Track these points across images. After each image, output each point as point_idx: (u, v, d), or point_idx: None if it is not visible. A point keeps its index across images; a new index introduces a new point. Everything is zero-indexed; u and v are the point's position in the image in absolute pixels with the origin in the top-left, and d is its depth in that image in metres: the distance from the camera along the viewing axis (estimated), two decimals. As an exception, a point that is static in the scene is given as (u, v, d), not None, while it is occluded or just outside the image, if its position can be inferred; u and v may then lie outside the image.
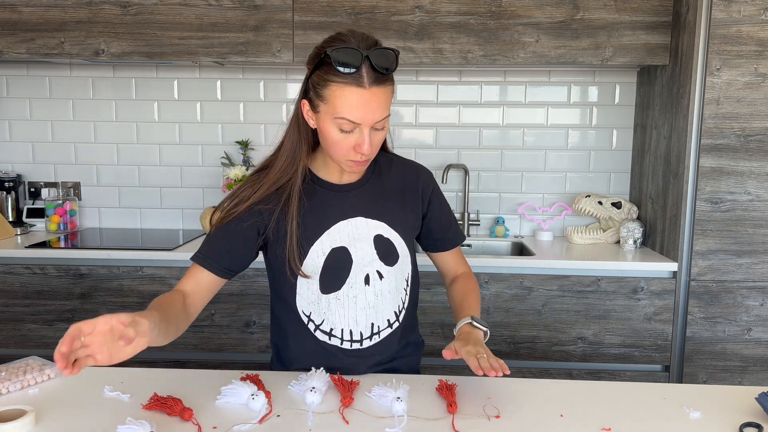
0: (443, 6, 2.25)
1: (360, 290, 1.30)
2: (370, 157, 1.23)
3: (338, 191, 1.31)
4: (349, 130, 1.16)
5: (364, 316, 1.31)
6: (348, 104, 1.13)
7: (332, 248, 1.28)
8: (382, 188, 1.35)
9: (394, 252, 1.33)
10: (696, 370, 2.20)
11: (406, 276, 1.37)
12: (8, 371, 1.23)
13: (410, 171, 1.40)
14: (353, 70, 1.11)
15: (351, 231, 1.29)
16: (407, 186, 1.37)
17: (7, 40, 2.30)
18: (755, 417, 1.12)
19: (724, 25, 2.05)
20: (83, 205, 2.75)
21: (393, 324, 1.35)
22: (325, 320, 1.31)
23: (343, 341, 1.31)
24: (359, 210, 1.30)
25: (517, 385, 1.25)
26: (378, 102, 1.14)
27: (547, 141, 2.67)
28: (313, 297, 1.30)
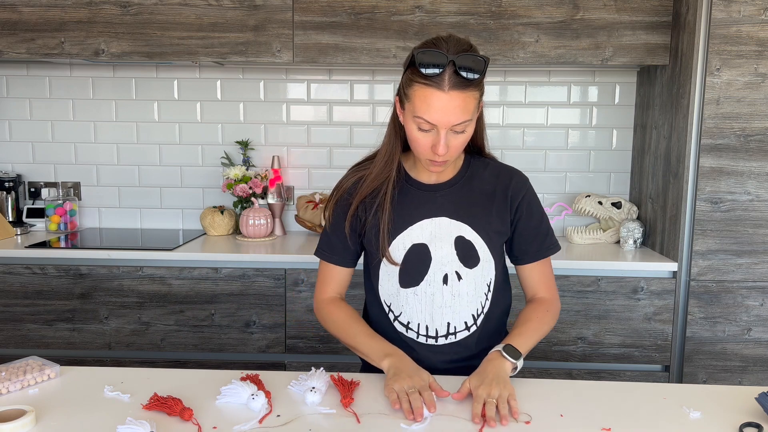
0: (443, 6, 2.25)
1: (437, 288, 1.32)
2: (448, 159, 1.24)
3: (426, 190, 1.34)
4: (427, 130, 1.20)
5: (440, 315, 1.33)
6: (426, 105, 1.17)
7: (413, 244, 1.32)
8: (471, 191, 1.35)
9: (475, 255, 1.33)
10: (696, 370, 2.20)
11: (487, 281, 1.36)
12: (8, 371, 1.23)
13: (503, 176, 1.38)
14: (435, 72, 1.15)
15: (434, 229, 1.32)
16: (497, 191, 1.36)
17: (7, 40, 2.30)
18: (755, 417, 1.12)
19: (724, 25, 2.05)
20: (83, 205, 2.75)
21: (470, 327, 1.36)
22: (403, 313, 1.35)
23: (419, 335, 1.35)
24: (444, 210, 1.33)
25: (517, 385, 1.25)
26: (456, 106, 1.16)
27: (547, 141, 2.67)
28: (392, 289, 1.35)
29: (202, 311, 2.24)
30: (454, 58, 1.14)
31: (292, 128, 2.69)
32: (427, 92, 1.16)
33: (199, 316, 2.25)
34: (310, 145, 2.70)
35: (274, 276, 2.21)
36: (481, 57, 1.17)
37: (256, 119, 2.69)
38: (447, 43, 1.18)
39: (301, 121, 2.69)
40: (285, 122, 2.69)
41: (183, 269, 2.23)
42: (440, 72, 1.15)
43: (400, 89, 1.25)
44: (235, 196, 2.59)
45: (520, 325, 1.33)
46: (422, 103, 1.17)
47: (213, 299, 2.23)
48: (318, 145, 2.70)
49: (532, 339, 1.30)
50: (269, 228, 2.51)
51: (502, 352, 1.23)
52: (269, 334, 2.25)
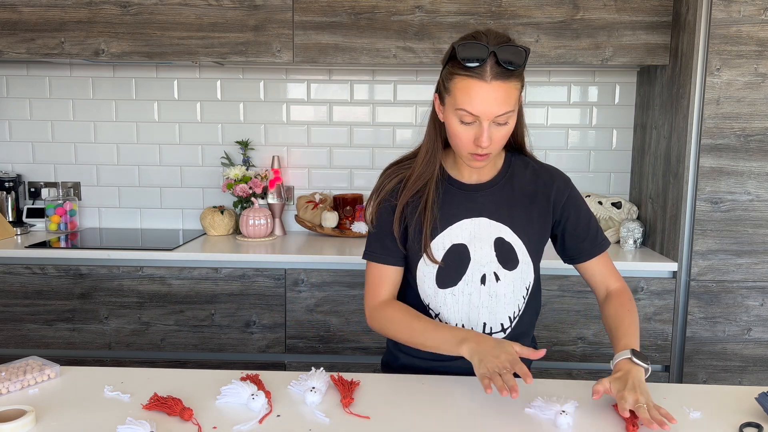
0: (443, 6, 2.25)
1: (475, 289, 1.32)
2: (491, 152, 1.23)
3: (467, 190, 1.34)
4: (469, 122, 1.19)
5: (476, 314, 1.33)
6: (468, 96, 1.16)
7: (453, 244, 1.32)
8: (512, 192, 1.34)
9: (514, 257, 1.32)
10: (696, 370, 2.20)
11: (527, 284, 1.36)
12: (8, 371, 1.23)
13: (545, 176, 1.37)
14: (476, 64, 1.15)
15: (473, 230, 1.32)
16: (538, 192, 1.35)
17: (7, 40, 2.30)
18: (755, 417, 1.12)
19: (724, 25, 2.05)
20: (83, 205, 2.75)
21: (506, 329, 1.36)
22: (441, 314, 1.35)
23: None
24: (484, 210, 1.32)
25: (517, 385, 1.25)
26: (498, 96, 1.16)
27: (547, 141, 2.67)
28: (430, 291, 1.35)
29: (202, 311, 2.24)
30: (495, 49, 1.15)
31: (292, 128, 2.69)
32: (470, 83, 1.16)
33: (199, 316, 2.25)
34: (310, 145, 2.70)
35: (274, 276, 2.21)
36: (522, 48, 1.17)
37: (256, 119, 2.69)
38: (487, 36, 1.18)
39: (301, 121, 2.69)
40: (285, 122, 2.69)
41: (183, 269, 2.23)
42: (482, 63, 1.15)
43: (440, 85, 1.25)
44: (235, 196, 2.59)
45: (620, 324, 1.29)
46: (464, 94, 1.17)
47: (213, 299, 2.23)
48: (318, 145, 2.70)
49: (638, 335, 1.27)
50: (269, 228, 2.51)
51: (634, 360, 1.18)
52: (269, 334, 2.25)
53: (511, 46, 1.17)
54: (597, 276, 1.39)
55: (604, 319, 1.35)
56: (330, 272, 2.21)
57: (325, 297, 2.22)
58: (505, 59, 1.15)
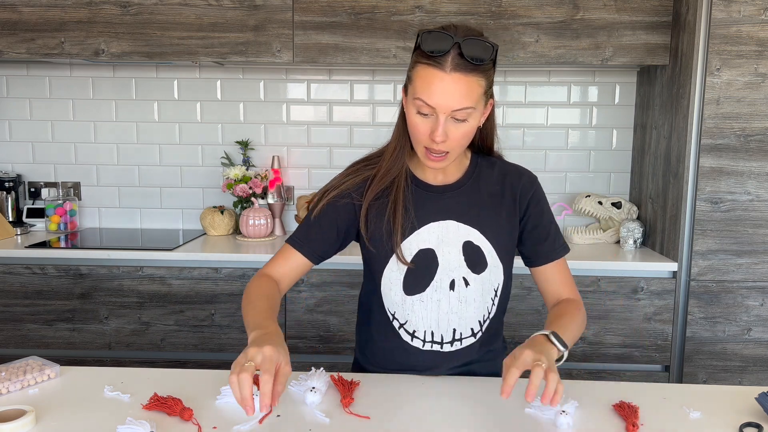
0: (443, 6, 2.25)
1: (444, 294, 1.27)
2: (449, 151, 1.18)
3: (433, 192, 1.29)
4: (426, 114, 1.14)
5: (446, 321, 1.29)
6: (426, 85, 1.12)
7: (420, 249, 1.27)
8: (479, 193, 1.30)
9: (483, 260, 1.28)
10: (696, 370, 2.20)
11: (495, 286, 1.32)
12: (8, 371, 1.23)
13: (511, 175, 1.33)
14: (439, 53, 1.10)
15: (441, 233, 1.27)
16: (506, 191, 1.31)
17: (7, 40, 2.30)
18: (755, 417, 1.12)
19: (724, 25, 2.05)
20: (83, 205, 2.75)
21: (477, 333, 1.32)
22: (408, 321, 1.30)
23: (425, 343, 1.30)
24: (452, 213, 1.28)
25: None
26: (457, 89, 1.11)
27: (547, 141, 2.67)
28: (397, 298, 1.29)
29: (202, 311, 2.24)
30: (460, 41, 1.10)
31: (292, 128, 2.69)
32: (429, 72, 1.12)
33: (199, 316, 2.25)
34: (310, 145, 2.70)
35: (274, 276, 2.21)
36: (489, 43, 1.12)
37: (256, 119, 2.69)
38: (456, 29, 1.14)
39: (301, 121, 2.69)
40: (285, 122, 2.69)
41: (183, 269, 2.22)
42: (444, 54, 1.10)
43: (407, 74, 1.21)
44: (235, 196, 2.59)
45: (557, 318, 1.22)
46: (423, 83, 1.12)
47: (213, 299, 2.23)
48: (318, 145, 2.70)
49: (569, 335, 1.17)
50: (269, 228, 2.51)
51: (551, 337, 1.10)
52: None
53: (478, 39, 1.12)
54: (550, 284, 1.33)
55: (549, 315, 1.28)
56: (330, 272, 2.21)
57: (325, 297, 2.22)
58: (469, 52, 1.10)
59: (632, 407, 1.13)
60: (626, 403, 1.14)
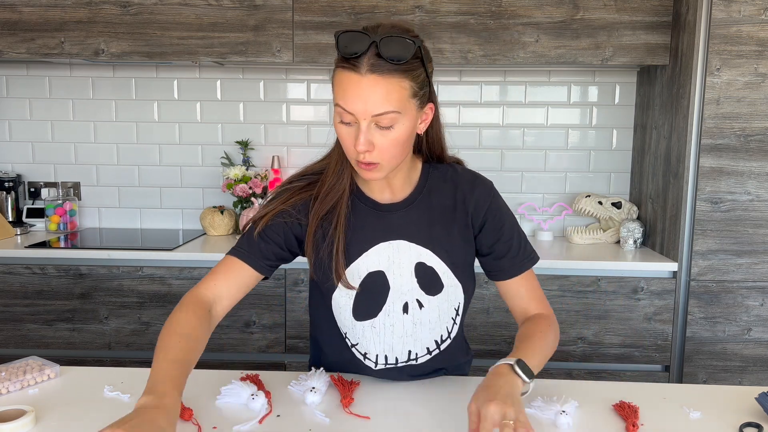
0: (443, 6, 2.25)
1: (397, 319, 1.19)
2: (378, 162, 1.07)
3: (381, 210, 1.19)
4: (348, 122, 1.05)
5: (401, 344, 1.22)
6: (343, 90, 1.03)
7: (369, 272, 1.18)
8: (430, 209, 1.19)
9: (438, 282, 1.19)
10: (696, 370, 2.20)
11: (455, 305, 1.23)
12: (8, 371, 1.23)
13: (463, 186, 1.21)
14: (354, 54, 1.00)
15: (391, 254, 1.18)
16: (457, 204, 1.20)
17: (7, 40, 2.30)
18: (755, 417, 1.12)
19: (724, 25, 2.05)
20: (83, 205, 2.75)
21: (433, 351, 1.24)
22: (359, 344, 1.23)
23: (377, 364, 1.24)
24: (402, 233, 1.18)
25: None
26: (375, 92, 1.00)
27: (547, 141, 2.67)
28: (347, 322, 1.22)
29: (202, 311, 2.24)
30: (378, 40, 0.99)
31: (292, 128, 2.69)
32: (345, 76, 1.02)
33: (199, 316, 2.24)
34: (310, 145, 2.70)
35: (274, 276, 2.21)
36: (410, 40, 1.01)
37: (256, 119, 2.69)
38: (378, 27, 1.03)
39: (301, 121, 2.69)
40: (285, 122, 2.69)
41: (183, 269, 2.22)
42: (360, 55, 1.00)
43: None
44: (235, 196, 2.59)
45: (522, 341, 1.13)
46: (340, 88, 1.03)
47: (213, 299, 2.23)
48: (318, 145, 2.69)
49: (538, 358, 1.10)
50: (269, 228, 2.50)
51: (516, 367, 1.03)
52: (269, 334, 2.25)
53: (397, 37, 1.00)
54: (517, 299, 1.23)
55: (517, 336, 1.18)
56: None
57: (325, 297, 2.21)
58: (387, 52, 0.99)
59: (632, 407, 1.13)
60: (626, 403, 1.14)
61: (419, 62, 1.05)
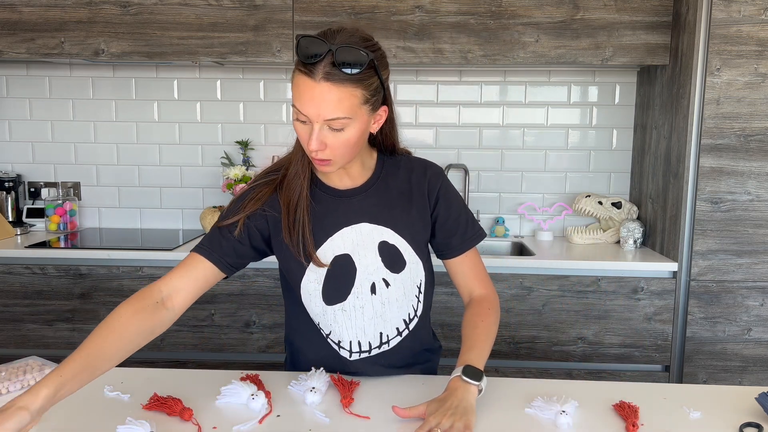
0: (443, 6, 2.25)
1: (366, 300, 1.24)
2: (331, 159, 1.13)
3: (342, 196, 1.25)
4: (304, 122, 1.11)
5: (372, 326, 1.26)
6: (298, 93, 1.08)
7: (335, 255, 1.22)
8: (388, 192, 1.27)
9: (401, 259, 1.26)
10: (696, 370, 2.20)
11: (417, 283, 1.29)
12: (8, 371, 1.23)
13: (417, 170, 1.30)
14: (311, 60, 1.05)
15: (355, 237, 1.24)
16: (413, 187, 1.28)
17: (7, 40, 2.30)
18: (755, 417, 1.12)
19: (724, 25, 2.05)
20: (83, 205, 2.75)
21: (402, 332, 1.29)
22: (332, 332, 1.27)
23: (351, 353, 1.27)
24: (364, 215, 1.24)
25: (516, 386, 1.25)
26: (326, 99, 1.06)
27: (547, 141, 2.67)
28: (318, 309, 1.25)
29: (202, 311, 2.24)
30: (334, 48, 1.05)
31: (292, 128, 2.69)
32: (301, 80, 1.07)
33: (199, 316, 2.24)
34: (310, 145, 2.69)
35: (274, 276, 2.21)
36: (365, 51, 1.06)
37: (256, 119, 2.69)
38: (337, 33, 1.09)
39: (301, 121, 2.68)
40: (285, 122, 2.69)
41: (183, 269, 2.22)
42: (317, 61, 1.05)
43: None
44: (234, 196, 2.59)
45: (468, 335, 1.22)
46: (296, 90, 1.09)
47: (213, 299, 2.23)
48: (318, 145, 2.69)
49: (486, 348, 1.20)
50: (269, 228, 2.50)
51: (464, 378, 1.11)
52: (269, 334, 2.25)
53: (352, 47, 1.06)
54: (462, 277, 1.32)
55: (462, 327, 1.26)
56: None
57: (325, 297, 2.21)
58: (341, 60, 1.04)
59: (632, 407, 1.13)
60: (626, 403, 1.14)
61: (373, 71, 1.10)
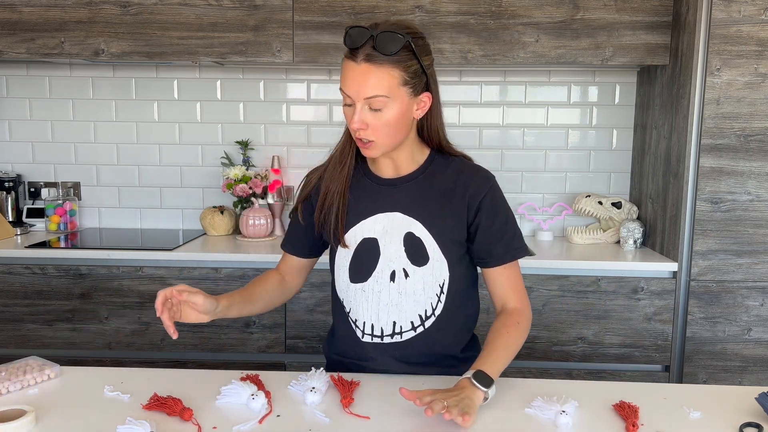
0: (443, 6, 2.25)
1: (384, 286, 1.30)
2: (372, 140, 1.23)
3: (383, 185, 1.33)
4: (349, 104, 1.22)
5: (386, 313, 1.31)
6: (344, 76, 1.21)
7: (363, 238, 1.31)
8: (429, 188, 1.31)
9: (424, 253, 1.29)
10: (696, 370, 2.20)
11: (440, 281, 1.30)
12: (8, 371, 1.23)
13: (465, 173, 1.32)
14: (354, 47, 1.18)
15: (386, 224, 1.30)
16: (456, 188, 1.30)
17: (7, 40, 2.30)
18: (755, 417, 1.12)
19: (724, 25, 2.05)
20: (83, 205, 2.75)
21: (417, 327, 1.31)
22: (352, 309, 1.34)
23: (364, 334, 1.33)
24: (398, 205, 1.31)
25: (516, 386, 1.25)
26: (366, 78, 1.18)
27: (547, 141, 2.67)
28: (344, 284, 1.35)
29: (202, 311, 2.24)
30: (375, 34, 1.17)
31: (292, 128, 2.69)
32: (346, 64, 1.21)
33: (199, 316, 2.24)
34: (310, 145, 2.70)
35: (274, 276, 2.21)
36: (401, 34, 1.18)
37: (256, 119, 2.69)
38: (381, 23, 1.21)
39: (301, 121, 2.69)
40: (285, 122, 2.69)
41: (183, 269, 2.22)
42: (360, 47, 1.18)
43: None
44: (235, 196, 2.59)
45: (489, 342, 1.24)
46: (342, 74, 1.22)
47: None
48: (318, 145, 2.70)
49: (504, 359, 1.21)
50: (269, 228, 2.51)
51: (473, 380, 1.13)
52: (269, 334, 2.25)
53: (390, 33, 1.18)
54: (497, 287, 1.32)
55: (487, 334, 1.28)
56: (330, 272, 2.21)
57: (325, 297, 2.22)
58: (379, 44, 1.17)
59: (632, 407, 1.13)
60: (626, 403, 1.14)
61: (411, 54, 1.20)
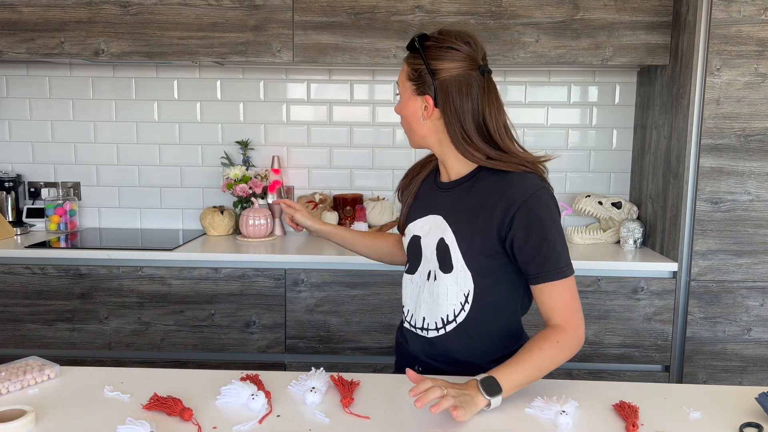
0: (443, 6, 2.25)
1: (423, 283, 1.37)
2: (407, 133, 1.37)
3: (438, 188, 1.39)
4: None
5: (420, 308, 1.38)
6: None
7: (413, 235, 1.40)
8: (467, 197, 1.30)
9: (449, 261, 1.30)
10: (696, 370, 2.20)
11: (465, 291, 1.29)
12: (8, 371, 1.23)
13: (503, 186, 1.26)
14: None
15: (432, 226, 1.36)
16: (488, 203, 1.26)
17: (7, 40, 2.30)
18: (755, 417, 1.12)
19: (724, 25, 2.05)
20: (83, 205, 2.75)
21: (440, 329, 1.34)
22: (403, 294, 1.44)
23: (404, 320, 1.43)
24: (441, 210, 1.35)
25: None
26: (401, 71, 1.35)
27: (547, 141, 2.67)
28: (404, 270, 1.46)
29: (202, 311, 2.24)
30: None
31: (292, 128, 2.69)
32: None
33: (199, 316, 2.25)
34: (310, 145, 2.70)
35: (274, 276, 2.21)
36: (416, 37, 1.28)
37: (256, 119, 2.69)
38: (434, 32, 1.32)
39: (301, 121, 2.69)
40: (285, 122, 2.69)
41: (183, 269, 2.22)
42: None
43: None
44: (235, 196, 2.59)
45: (518, 354, 1.20)
46: None
47: (213, 299, 2.23)
48: (318, 145, 2.70)
49: (526, 373, 1.16)
50: (269, 228, 2.51)
51: (479, 384, 1.11)
52: (269, 334, 2.25)
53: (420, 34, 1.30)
54: (539, 304, 1.27)
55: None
56: (330, 272, 2.21)
57: (325, 297, 2.22)
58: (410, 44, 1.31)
59: (632, 407, 1.13)
60: (626, 403, 1.14)
61: (418, 54, 1.28)
